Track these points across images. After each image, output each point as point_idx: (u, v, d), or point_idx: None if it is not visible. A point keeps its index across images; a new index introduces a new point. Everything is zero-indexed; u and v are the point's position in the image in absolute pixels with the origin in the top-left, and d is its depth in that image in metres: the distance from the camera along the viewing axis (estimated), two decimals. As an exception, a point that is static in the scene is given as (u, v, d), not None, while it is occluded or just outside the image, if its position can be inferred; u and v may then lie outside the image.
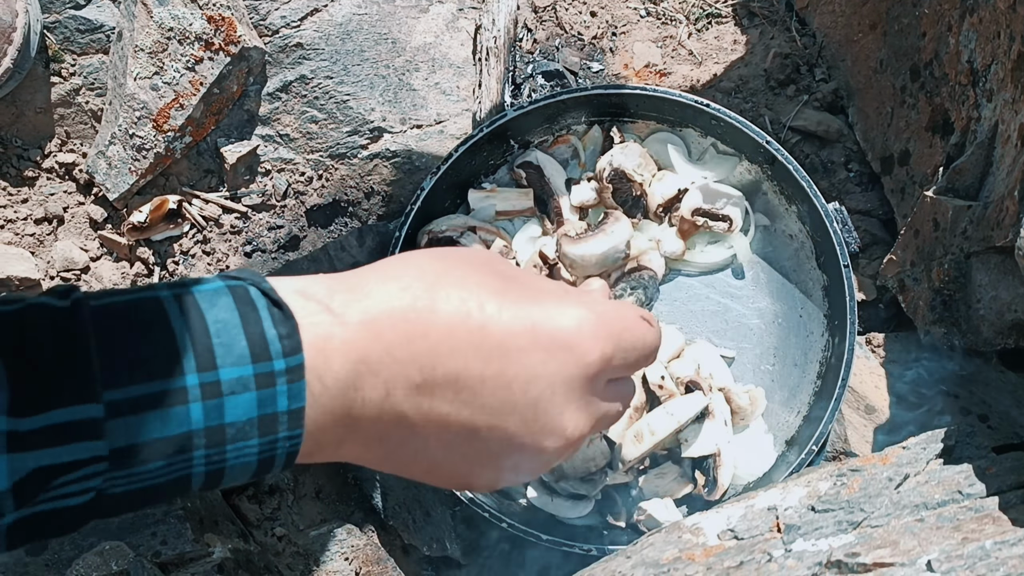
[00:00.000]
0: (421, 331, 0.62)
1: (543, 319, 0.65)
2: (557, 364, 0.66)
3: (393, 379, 0.61)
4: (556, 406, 0.66)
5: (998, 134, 1.17)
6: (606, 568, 1.00)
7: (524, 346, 0.64)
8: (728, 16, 1.72)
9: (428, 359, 0.62)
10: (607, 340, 0.68)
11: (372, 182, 1.49)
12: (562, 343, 0.66)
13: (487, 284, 0.65)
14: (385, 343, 0.60)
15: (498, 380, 0.64)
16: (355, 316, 0.60)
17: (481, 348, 0.63)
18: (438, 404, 0.63)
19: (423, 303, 0.62)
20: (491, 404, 0.64)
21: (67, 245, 1.52)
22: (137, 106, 1.45)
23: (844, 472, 0.98)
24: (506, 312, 0.64)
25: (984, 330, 1.17)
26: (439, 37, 1.52)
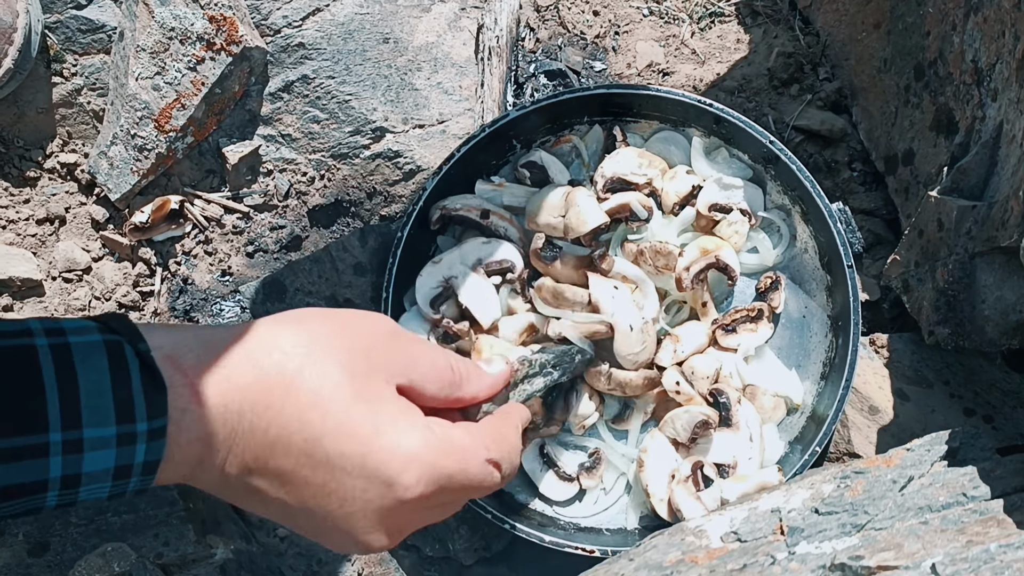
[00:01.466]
0: (263, 426, 0.67)
1: (375, 449, 0.70)
2: (374, 494, 0.71)
3: (230, 459, 0.67)
4: (363, 528, 0.72)
5: (1003, 133, 1.16)
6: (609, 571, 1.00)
7: (349, 469, 0.69)
8: (731, 15, 1.71)
9: (264, 451, 0.68)
10: (429, 483, 0.72)
11: (374, 182, 1.49)
12: (383, 478, 0.70)
13: (342, 390, 0.70)
14: (229, 429, 0.66)
15: (319, 489, 0.70)
16: (211, 398, 0.65)
17: (312, 457, 0.69)
18: (263, 485, 0.69)
19: (276, 396, 0.67)
20: (309, 504, 0.71)
21: (69, 245, 1.52)
22: (139, 106, 1.44)
23: (848, 474, 0.98)
24: (344, 430, 0.69)
25: (989, 331, 1.17)
26: (441, 36, 1.51)
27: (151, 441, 0.61)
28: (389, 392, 0.73)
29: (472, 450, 0.75)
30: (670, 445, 1.28)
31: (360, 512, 0.71)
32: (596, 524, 1.32)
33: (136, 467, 0.62)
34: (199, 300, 1.51)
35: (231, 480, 0.68)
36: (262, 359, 0.68)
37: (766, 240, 1.36)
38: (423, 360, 0.77)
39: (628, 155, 1.35)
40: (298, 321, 0.72)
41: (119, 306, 1.52)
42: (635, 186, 1.34)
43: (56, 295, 1.51)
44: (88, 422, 0.59)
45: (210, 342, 0.67)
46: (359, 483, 0.70)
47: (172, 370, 0.63)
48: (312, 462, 0.69)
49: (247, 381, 0.66)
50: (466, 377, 0.81)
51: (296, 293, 1.41)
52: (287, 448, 0.68)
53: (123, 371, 0.60)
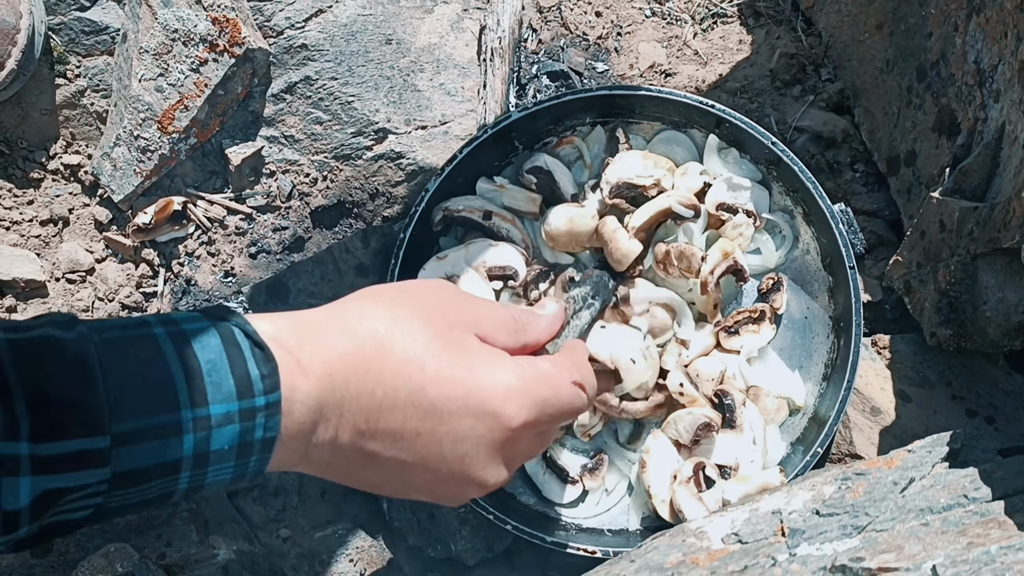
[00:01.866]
0: (368, 388, 0.71)
1: (475, 387, 0.75)
2: (483, 428, 0.76)
3: (342, 425, 0.71)
4: (479, 463, 0.77)
5: (1005, 135, 1.16)
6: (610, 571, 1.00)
7: (455, 411, 0.74)
8: (734, 16, 1.71)
9: (373, 412, 0.72)
10: (531, 408, 0.78)
11: (377, 183, 1.49)
12: (490, 411, 0.75)
13: (432, 344, 0.74)
14: (338, 396, 0.70)
15: (431, 436, 0.74)
16: (317, 369, 0.69)
17: (418, 407, 0.73)
18: (377, 447, 0.73)
19: (374, 361, 0.72)
20: (423, 453, 0.75)
21: (72, 247, 1.52)
22: (142, 108, 1.45)
23: (849, 476, 0.98)
24: (443, 376, 0.74)
25: (991, 332, 1.17)
26: (444, 38, 1.51)
27: (268, 416, 0.64)
28: (472, 340, 0.79)
29: (559, 375, 0.81)
30: (672, 446, 1.28)
31: (473, 449, 0.76)
32: (598, 525, 1.33)
33: (256, 444, 0.65)
34: (202, 301, 1.52)
35: (345, 449, 0.72)
36: (354, 329, 0.72)
37: (769, 242, 1.36)
38: (488, 313, 0.83)
39: (632, 158, 1.35)
40: (376, 294, 0.78)
41: (122, 307, 1.52)
42: (642, 188, 1.34)
43: (60, 296, 1.51)
44: (213, 399, 0.62)
45: (304, 322, 0.72)
46: (467, 421, 0.75)
47: (277, 348, 0.66)
48: (420, 412, 0.73)
49: (346, 350, 0.71)
50: (528, 323, 0.87)
51: (299, 294, 1.42)
52: (393, 404, 0.72)
53: (236, 349, 0.64)
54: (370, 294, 0.78)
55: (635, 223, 1.31)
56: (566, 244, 1.35)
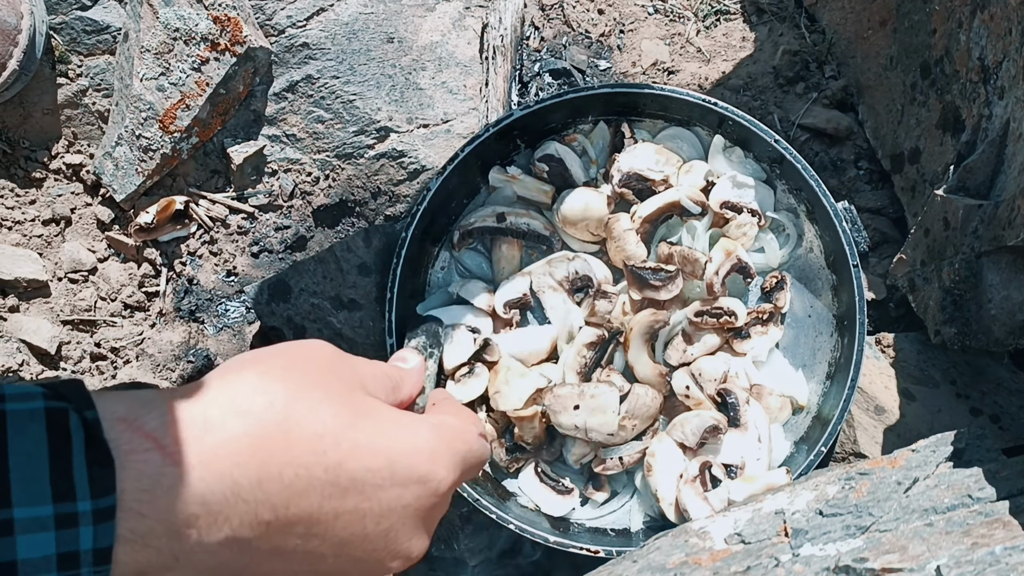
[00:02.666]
0: (275, 471, 0.61)
1: (398, 454, 0.68)
2: (410, 497, 0.69)
3: (239, 518, 0.60)
4: (404, 535, 0.70)
5: (1010, 132, 1.16)
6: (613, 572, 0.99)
7: (380, 482, 0.66)
8: (736, 13, 1.70)
9: (281, 499, 0.61)
10: (455, 468, 0.72)
11: (379, 182, 1.49)
12: (416, 477, 0.68)
13: (340, 414, 0.66)
14: (230, 485, 0.59)
15: (352, 515, 0.66)
16: (192, 456, 0.58)
17: (337, 485, 0.64)
18: (287, 539, 0.63)
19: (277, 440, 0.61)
20: (342, 536, 0.66)
21: (75, 246, 1.52)
22: (143, 107, 1.44)
23: (852, 476, 0.97)
24: (362, 446, 0.66)
25: (995, 330, 1.16)
26: (445, 36, 1.51)
27: (98, 523, 0.54)
28: (373, 401, 0.71)
29: (468, 429, 0.76)
30: (677, 448, 1.28)
31: (399, 521, 0.69)
32: (600, 525, 1.32)
33: (84, 555, 0.54)
34: (204, 300, 1.52)
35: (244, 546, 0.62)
36: (246, 404, 0.62)
37: (773, 241, 1.35)
38: (368, 371, 0.75)
39: (646, 150, 1.35)
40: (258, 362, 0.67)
41: (125, 306, 1.52)
42: (651, 182, 1.34)
43: (62, 296, 1.51)
44: (19, 500, 0.53)
45: (174, 399, 0.61)
46: (394, 492, 0.68)
47: (131, 435, 0.57)
48: (339, 490, 0.64)
49: (235, 431, 0.60)
50: (401, 378, 0.80)
51: (301, 293, 1.41)
52: (308, 487, 0.63)
53: (64, 442, 0.54)
54: (251, 363, 0.66)
55: (642, 213, 1.31)
56: (581, 228, 1.35)
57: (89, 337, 1.51)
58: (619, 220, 1.32)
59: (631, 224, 1.32)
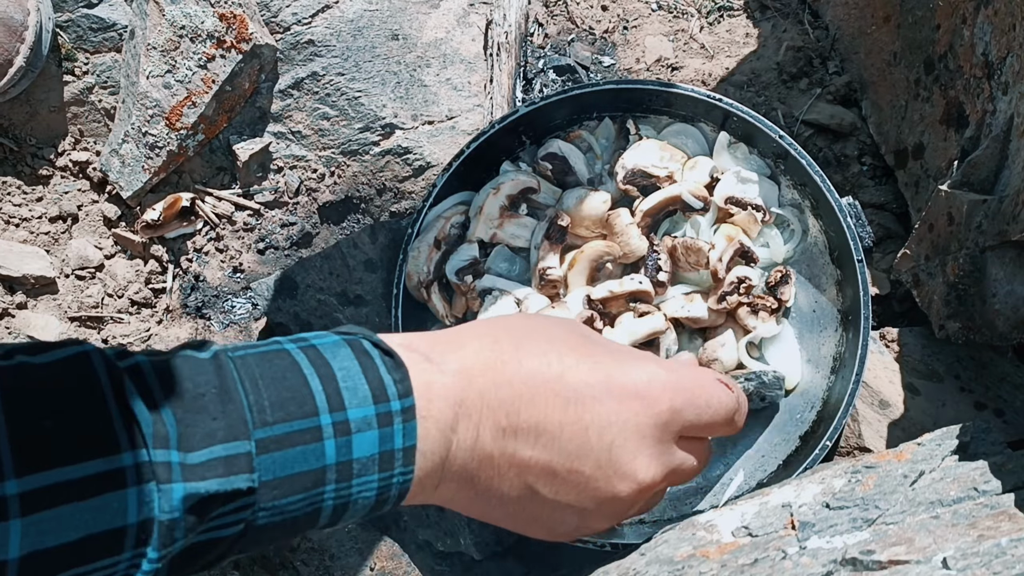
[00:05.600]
0: (507, 379, 0.70)
1: (617, 372, 0.73)
2: (629, 413, 0.73)
3: (483, 422, 0.69)
4: (628, 451, 0.73)
5: (1014, 127, 1.16)
6: (620, 565, 1.00)
7: (598, 395, 0.72)
8: (740, 9, 1.71)
9: (512, 405, 0.69)
10: (677, 394, 0.75)
11: (384, 179, 1.50)
12: (632, 393, 0.73)
13: (568, 340, 0.73)
14: (477, 388, 0.68)
15: (575, 426, 0.71)
16: (452, 365, 0.68)
17: (559, 396, 0.71)
18: (520, 446, 0.70)
19: (509, 355, 0.70)
20: (568, 448, 0.71)
21: (81, 243, 1.53)
22: (150, 104, 1.45)
23: (859, 469, 0.98)
24: (583, 364, 0.72)
25: (999, 325, 1.17)
26: (450, 33, 1.51)
27: (406, 421, 0.64)
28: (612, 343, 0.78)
29: (704, 371, 0.80)
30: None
31: (620, 436, 0.73)
32: (607, 519, 1.33)
33: (396, 453, 0.64)
34: (211, 297, 1.52)
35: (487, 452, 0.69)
36: (487, 328, 0.73)
37: (777, 236, 1.36)
38: None
39: (650, 147, 1.35)
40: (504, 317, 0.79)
41: (131, 303, 1.53)
42: (656, 179, 1.34)
43: (69, 292, 1.52)
44: (350, 403, 0.62)
45: (435, 333, 0.72)
46: (610, 404, 0.72)
47: (407, 352, 0.67)
48: (561, 400, 0.71)
49: (481, 345, 0.70)
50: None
51: (307, 289, 1.42)
52: (533, 395, 0.70)
53: (368, 358, 0.65)
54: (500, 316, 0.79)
55: (644, 207, 1.32)
56: (581, 227, 1.35)
57: (96, 333, 1.51)
58: (620, 215, 1.32)
59: (632, 219, 1.33)
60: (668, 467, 0.77)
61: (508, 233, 1.34)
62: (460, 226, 1.35)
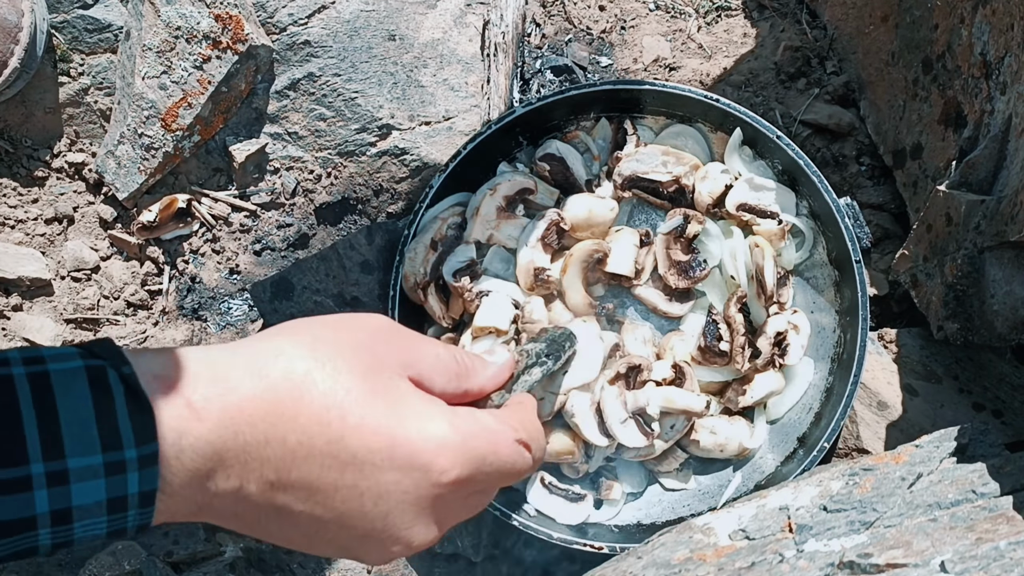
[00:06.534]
0: (280, 435, 0.64)
1: (403, 438, 0.67)
2: (409, 483, 0.68)
3: (247, 475, 0.63)
4: (404, 522, 0.69)
5: (1012, 127, 1.16)
6: (617, 568, 1.00)
7: (379, 463, 0.66)
8: (738, 9, 1.70)
9: (284, 462, 0.64)
10: (465, 465, 0.70)
11: (381, 179, 1.49)
12: (417, 465, 0.67)
13: (356, 388, 0.67)
14: (242, 442, 0.62)
15: (351, 491, 0.66)
16: (214, 412, 0.61)
17: (337, 459, 0.65)
18: (290, 500, 0.66)
19: (287, 405, 0.64)
20: (341, 509, 0.67)
21: (77, 245, 1.52)
22: (145, 105, 1.44)
23: (856, 471, 0.97)
24: (367, 423, 0.66)
25: (998, 325, 1.16)
26: (447, 33, 1.51)
27: (143, 468, 0.58)
28: (404, 384, 0.71)
29: (501, 431, 0.73)
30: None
31: (397, 507, 0.68)
32: (604, 521, 1.32)
33: (131, 498, 0.59)
34: (207, 298, 1.52)
35: (252, 501, 0.65)
36: (266, 368, 0.65)
37: (790, 244, 1.34)
38: (427, 353, 0.74)
39: (650, 153, 1.35)
40: (295, 328, 0.70)
41: (128, 305, 1.52)
42: (659, 184, 1.34)
43: (65, 294, 1.51)
44: (72, 451, 0.56)
45: (204, 359, 0.64)
46: (392, 476, 0.67)
47: (164, 391, 0.60)
48: (339, 463, 0.66)
49: (253, 392, 0.63)
50: (472, 368, 0.78)
51: (304, 291, 1.42)
52: (309, 454, 0.65)
53: (107, 396, 0.58)
54: (288, 330, 0.70)
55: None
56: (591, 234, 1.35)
57: (92, 335, 1.51)
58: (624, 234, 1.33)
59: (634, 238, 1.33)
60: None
61: (505, 234, 1.33)
62: (457, 227, 1.35)
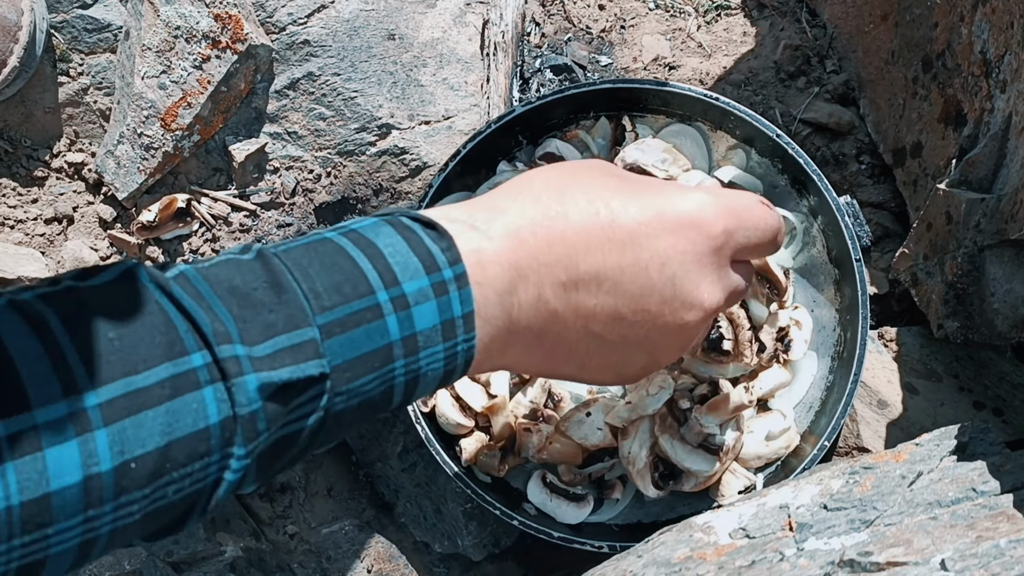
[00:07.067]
0: (559, 235, 0.69)
1: (666, 205, 0.72)
2: (686, 242, 0.73)
3: (542, 281, 0.68)
4: (691, 280, 0.73)
5: (1012, 125, 1.16)
6: (617, 567, 1.00)
7: (652, 232, 0.71)
8: (737, 8, 1.70)
9: (570, 259, 0.69)
10: (728, 217, 0.75)
11: (380, 179, 1.49)
12: (687, 223, 0.73)
13: (609, 185, 0.72)
14: (529, 249, 0.67)
15: (635, 267, 0.71)
16: (498, 230, 0.67)
17: (614, 240, 0.70)
18: (584, 297, 0.70)
19: (555, 210, 0.69)
20: (631, 290, 0.71)
21: (77, 245, 1.52)
22: (145, 105, 1.45)
23: (857, 470, 0.97)
24: (631, 205, 0.71)
25: (998, 324, 1.16)
26: (446, 32, 1.51)
27: (460, 288, 0.63)
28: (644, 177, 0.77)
29: (746, 195, 0.80)
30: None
31: (681, 267, 0.73)
32: (605, 520, 1.32)
33: (457, 321, 0.63)
34: (207, 298, 1.52)
35: (552, 307, 0.69)
36: (523, 187, 0.71)
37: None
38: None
39: (654, 146, 1.34)
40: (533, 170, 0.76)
41: (127, 305, 1.52)
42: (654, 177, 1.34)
43: (65, 294, 1.51)
44: (403, 277, 0.61)
45: (471, 201, 0.71)
46: (667, 240, 0.72)
47: (449, 223, 0.65)
48: (617, 245, 0.70)
49: (523, 208, 0.69)
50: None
51: (303, 291, 1.41)
52: (588, 244, 0.69)
53: (411, 232, 0.63)
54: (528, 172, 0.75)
55: None
56: None
57: (92, 335, 1.51)
58: None
59: None
60: (728, 289, 0.78)
61: None
62: None
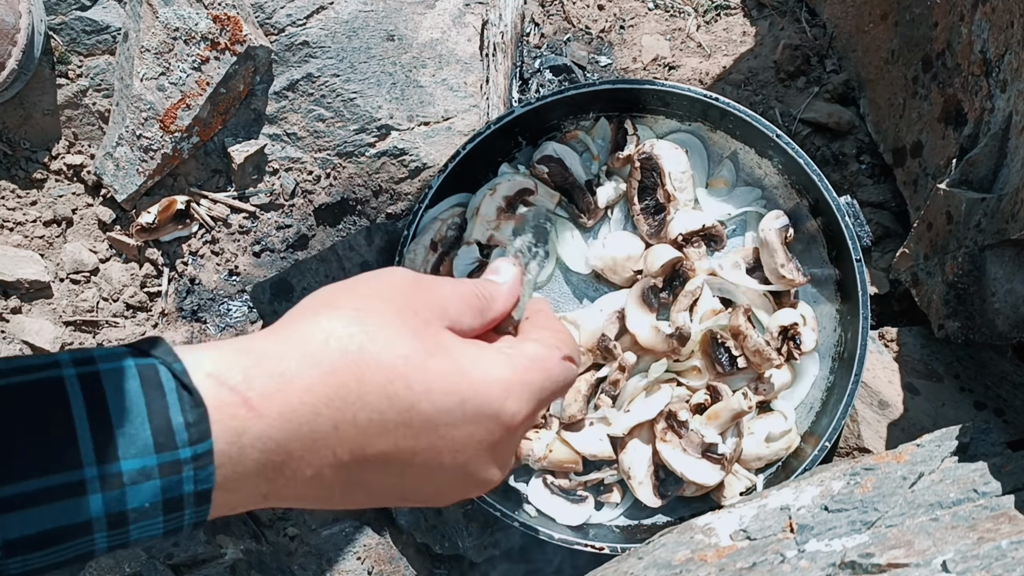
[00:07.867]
0: (350, 417, 0.63)
1: (470, 392, 0.68)
2: (484, 432, 0.69)
3: (320, 462, 0.63)
4: (482, 467, 0.71)
5: (1012, 125, 1.16)
6: (618, 569, 0.99)
7: (451, 421, 0.67)
8: (737, 7, 1.70)
9: (358, 442, 0.64)
10: (530, 401, 0.72)
11: (380, 180, 1.49)
12: (488, 414, 0.69)
13: (412, 355, 0.66)
14: (308, 432, 0.62)
15: (429, 451, 0.67)
16: (275, 408, 0.61)
17: (411, 426, 0.66)
18: (367, 475, 0.66)
19: (350, 388, 0.63)
20: (420, 472, 0.68)
21: (76, 247, 1.52)
22: (144, 107, 1.44)
23: (858, 471, 0.97)
24: (434, 388, 0.66)
25: (999, 324, 1.16)
26: (446, 33, 1.51)
27: (198, 468, 0.58)
28: (448, 336, 0.71)
29: (548, 355, 0.75)
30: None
31: (474, 455, 0.70)
32: (606, 521, 1.32)
33: (187, 498, 0.58)
34: (206, 300, 1.51)
35: (326, 482, 0.65)
36: (319, 352, 0.64)
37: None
38: (452, 295, 0.75)
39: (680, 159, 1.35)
40: (330, 304, 0.68)
41: (127, 307, 1.52)
42: (665, 192, 1.34)
43: (64, 296, 1.51)
44: (125, 454, 0.56)
45: (255, 352, 0.63)
46: (466, 429, 0.69)
47: (218, 388, 0.59)
48: (413, 431, 0.66)
49: (312, 382, 0.63)
50: (491, 296, 0.79)
51: (303, 292, 1.41)
52: (383, 429, 0.65)
53: (158, 393, 0.57)
54: (323, 305, 0.68)
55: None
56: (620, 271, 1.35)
57: (92, 338, 1.51)
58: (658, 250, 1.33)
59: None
60: (514, 457, 0.77)
61: (505, 235, 1.33)
62: (457, 228, 1.34)
